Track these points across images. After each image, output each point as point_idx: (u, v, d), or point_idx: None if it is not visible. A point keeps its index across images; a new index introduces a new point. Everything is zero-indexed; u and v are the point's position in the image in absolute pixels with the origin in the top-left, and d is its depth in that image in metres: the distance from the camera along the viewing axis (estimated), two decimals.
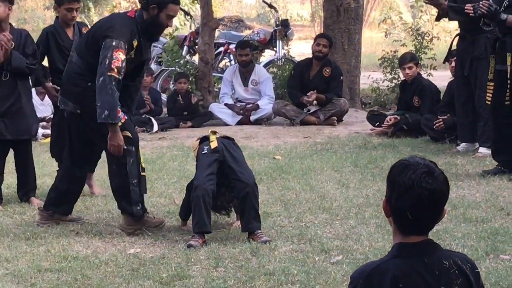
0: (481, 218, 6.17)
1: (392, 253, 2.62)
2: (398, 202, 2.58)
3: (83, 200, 7.09)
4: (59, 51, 7.26)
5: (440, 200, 2.58)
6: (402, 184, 2.56)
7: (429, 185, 2.54)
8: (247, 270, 5.10)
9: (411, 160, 2.62)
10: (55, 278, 5.06)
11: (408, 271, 2.55)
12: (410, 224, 2.59)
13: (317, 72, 11.43)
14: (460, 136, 9.08)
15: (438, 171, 2.60)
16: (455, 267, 2.59)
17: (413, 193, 2.54)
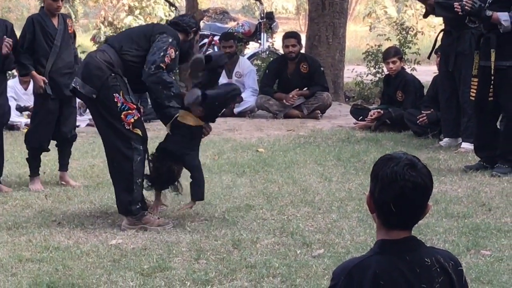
0: (462, 213, 6.20)
1: (374, 250, 2.61)
2: (381, 195, 2.57)
3: (65, 191, 7.08)
4: (45, 39, 7.25)
5: (423, 194, 2.57)
6: (385, 177, 2.55)
7: (412, 177, 2.53)
8: (228, 263, 5.10)
9: (394, 154, 2.62)
10: (36, 268, 5.05)
11: (389, 268, 2.54)
12: (394, 217, 2.57)
13: (294, 70, 11.42)
14: (444, 131, 9.12)
15: (421, 164, 2.59)
16: (437, 265, 2.58)
17: (396, 186, 2.53)
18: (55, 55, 7.25)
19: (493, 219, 6.09)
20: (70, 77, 6.89)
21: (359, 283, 2.53)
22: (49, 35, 7.25)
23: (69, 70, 7.26)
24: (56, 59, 7.25)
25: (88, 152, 8.53)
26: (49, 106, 7.27)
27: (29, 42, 7.22)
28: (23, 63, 7.26)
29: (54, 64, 7.24)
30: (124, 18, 23.70)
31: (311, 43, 13.13)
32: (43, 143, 7.34)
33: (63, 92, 7.15)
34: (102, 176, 7.64)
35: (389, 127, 10.17)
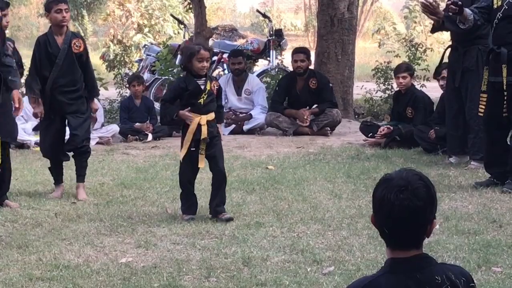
0: (473, 230, 6.17)
1: (385, 269, 2.60)
2: (375, 217, 2.59)
3: (75, 209, 7.08)
4: (47, 58, 7.43)
5: (414, 216, 2.53)
6: (376, 200, 2.57)
7: (398, 200, 2.50)
8: (238, 281, 5.08)
9: (392, 175, 2.60)
10: (46, 286, 5.04)
11: (400, 287, 2.53)
12: (391, 239, 2.58)
13: (303, 86, 11.44)
14: (450, 148, 9.07)
15: (417, 185, 2.54)
16: (448, 283, 2.56)
17: (384, 209, 2.53)
18: (56, 74, 7.42)
19: (504, 235, 6.05)
20: (72, 95, 7.43)
21: None
22: (51, 55, 7.43)
23: (71, 88, 7.48)
24: (58, 78, 7.43)
25: (98, 170, 8.54)
26: (50, 122, 7.56)
27: (38, 61, 7.43)
28: (32, 87, 7.48)
29: (55, 82, 7.43)
30: (133, 36, 23.77)
31: (320, 60, 13.14)
32: (55, 155, 7.59)
33: (62, 109, 7.47)
34: (112, 194, 7.66)
35: (399, 143, 10.15)
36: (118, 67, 14.95)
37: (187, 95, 6.55)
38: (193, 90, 6.54)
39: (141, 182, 8.19)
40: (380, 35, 28.90)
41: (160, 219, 6.68)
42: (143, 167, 9.14)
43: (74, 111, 7.48)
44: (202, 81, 6.56)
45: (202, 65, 6.47)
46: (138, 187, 7.98)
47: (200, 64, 6.46)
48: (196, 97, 6.55)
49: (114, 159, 9.75)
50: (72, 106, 7.49)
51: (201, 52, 6.44)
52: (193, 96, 6.55)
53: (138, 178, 8.44)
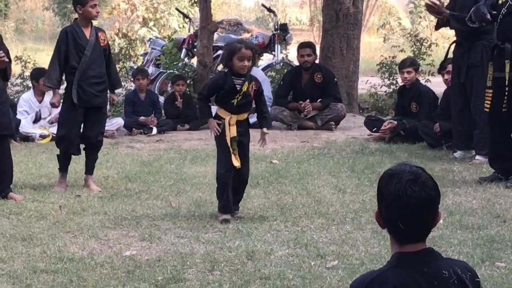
0: (477, 225, 6.17)
1: (392, 263, 2.60)
2: (387, 213, 2.57)
3: (80, 202, 7.10)
4: (76, 49, 7.54)
5: (429, 206, 2.56)
6: (388, 195, 2.55)
7: (415, 193, 2.51)
8: (242, 274, 5.09)
9: (397, 169, 2.60)
10: (50, 279, 5.05)
11: (407, 281, 2.53)
12: (404, 233, 2.57)
13: (308, 80, 11.43)
14: (456, 143, 9.08)
15: (425, 176, 2.57)
16: (455, 277, 2.57)
17: (400, 203, 2.52)
18: (85, 65, 7.53)
19: (508, 230, 6.05)
20: (99, 87, 7.55)
21: None
22: (80, 46, 7.54)
23: (98, 80, 7.60)
24: (86, 69, 7.54)
25: (103, 163, 8.55)
26: (74, 113, 7.56)
27: (64, 52, 7.52)
28: (51, 77, 7.58)
29: (84, 74, 7.53)
30: (138, 30, 23.77)
31: (325, 54, 13.13)
32: (69, 148, 7.62)
33: (90, 101, 7.56)
34: (116, 188, 7.68)
35: (403, 138, 10.14)
36: (123, 61, 14.93)
37: (222, 93, 6.35)
38: (229, 89, 6.32)
39: (145, 176, 8.21)
40: (385, 30, 28.89)
41: (164, 212, 6.69)
42: (147, 160, 9.15)
43: (100, 103, 7.65)
44: (240, 81, 6.31)
45: (243, 64, 6.21)
46: (143, 180, 7.99)
47: (240, 63, 6.20)
48: (230, 97, 6.35)
49: (118, 153, 9.77)
50: (99, 98, 7.62)
51: (243, 50, 6.18)
52: (227, 96, 6.35)
53: (143, 171, 8.45)
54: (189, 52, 14.47)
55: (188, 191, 7.47)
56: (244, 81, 6.37)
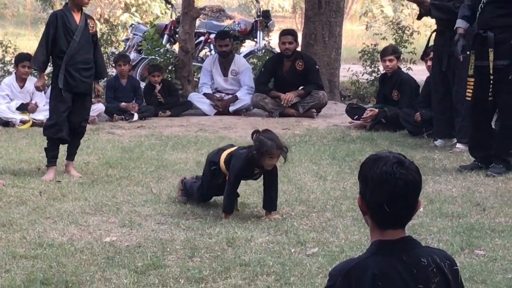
0: (457, 213, 6.19)
1: (371, 251, 2.60)
2: (373, 196, 2.55)
3: (60, 188, 7.06)
4: (65, 34, 7.50)
5: (414, 190, 2.56)
6: (375, 178, 2.54)
7: (402, 175, 2.52)
8: (222, 261, 5.09)
9: (380, 154, 2.61)
10: (30, 265, 5.03)
11: (387, 270, 2.53)
12: (388, 217, 2.56)
13: (289, 67, 11.42)
14: (436, 132, 9.11)
15: (408, 161, 2.58)
16: (433, 265, 2.57)
17: (388, 185, 2.52)
18: (73, 50, 7.49)
19: (487, 219, 6.09)
20: (87, 73, 7.51)
21: (357, 285, 2.52)
22: (70, 30, 7.50)
23: (85, 66, 7.56)
24: (74, 54, 7.50)
25: (83, 149, 8.50)
26: (62, 98, 7.50)
27: (52, 36, 7.48)
28: (38, 58, 7.57)
29: (72, 59, 7.49)
30: (120, 15, 23.66)
31: (307, 41, 13.12)
32: (60, 133, 7.54)
33: (77, 85, 7.51)
34: (97, 174, 7.65)
35: (385, 126, 10.16)
36: (104, 46, 14.85)
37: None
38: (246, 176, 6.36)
39: (126, 162, 8.18)
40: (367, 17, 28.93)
41: (145, 199, 6.67)
42: (128, 146, 9.12)
43: (87, 90, 7.62)
44: (258, 169, 6.28)
45: (272, 162, 6.15)
46: (123, 166, 7.96)
47: (270, 161, 6.13)
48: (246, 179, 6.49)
49: (99, 138, 9.72)
50: (86, 84, 7.59)
51: (274, 152, 6.10)
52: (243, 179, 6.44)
53: (124, 157, 8.42)
54: (171, 38, 14.41)
55: (169, 178, 7.45)
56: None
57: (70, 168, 7.63)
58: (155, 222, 6.02)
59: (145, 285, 4.68)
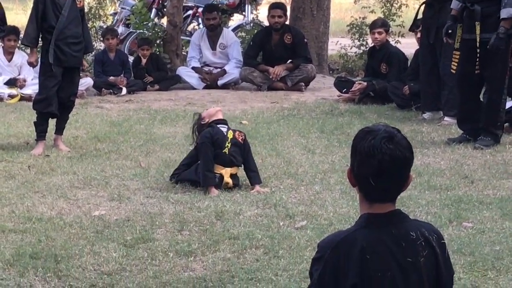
0: (445, 185, 6.22)
1: (360, 223, 2.58)
2: (360, 169, 2.54)
3: (48, 162, 7.05)
4: (53, 9, 7.48)
5: (401, 166, 2.54)
6: (362, 151, 2.52)
7: (389, 150, 2.49)
8: (211, 234, 5.10)
9: (373, 127, 2.58)
10: (19, 239, 5.03)
11: (375, 243, 2.52)
12: (374, 191, 2.55)
13: (278, 41, 11.37)
14: (424, 104, 9.10)
15: (400, 136, 2.55)
16: (422, 239, 2.57)
17: (373, 159, 2.50)
18: (62, 25, 7.47)
19: (475, 191, 6.12)
20: (76, 47, 7.50)
21: (345, 258, 2.51)
22: (58, 5, 7.48)
23: (75, 40, 7.56)
24: (63, 29, 7.49)
25: (72, 123, 8.46)
26: (52, 72, 7.48)
27: (41, 11, 7.47)
28: (29, 34, 7.56)
29: (61, 33, 7.48)
30: None
31: (295, 15, 13.05)
32: (50, 107, 7.53)
33: (67, 60, 7.50)
34: (86, 148, 7.63)
35: (373, 99, 10.16)
36: (92, 20, 14.75)
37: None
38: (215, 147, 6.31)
39: (115, 136, 8.16)
40: None
41: (133, 172, 6.67)
42: (117, 120, 9.09)
43: (76, 64, 7.62)
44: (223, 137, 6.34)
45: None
46: (112, 140, 7.94)
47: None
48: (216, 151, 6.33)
49: (88, 113, 9.68)
50: (76, 59, 7.58)
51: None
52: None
53: (112, 131, 8.40)
54: (159, 12, 14.30)
55: (157, 152, 7.45)
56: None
57: (59, 142, 7.61)
58: (144, 196, 6.03)
59: (134, 259, 4.70)
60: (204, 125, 6.37)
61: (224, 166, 6.25)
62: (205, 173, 6.15)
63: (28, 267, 4.55)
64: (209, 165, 6.18)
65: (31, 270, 4.52)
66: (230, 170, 6.27)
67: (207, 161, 6.18)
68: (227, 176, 6.24)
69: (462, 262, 4.58)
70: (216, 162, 6.22)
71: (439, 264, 2.59)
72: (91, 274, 4.50)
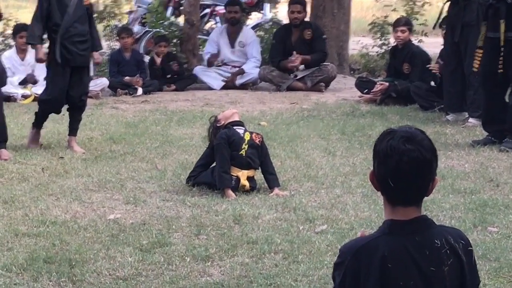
0: (469, 189, 6.09)
1: (383, 230, 2.52)
2: (379, 170, 2.50)
3: (63, 164, 6.96)
4: (59, 6, 7.43)
5: (422, 167, 2.47)
6: (381, 151, 2.48)
7: (407, 151, 2.44)
8: (229, 238, 5.00)
9: (395, 128, 2.54)
10: (32, 243, 4.95)
11: (398, 251, 2.46)
12: (395, 193, 2.49)
13: (298, 37, 11.29)
14: (448, 105, 8.97)
15: (422, 137, 2.49)
16: (447, 246, 2.50)
17: (391, 160, 2.45)
18: (68, 23, 7.42)
19: (501, 195, 5.99)
20: (83, 46, 7.45)
21: (366, 265, 2.46)
22: (63, 3, 7.44)
23: (81, 39, 7.51)
24: (69, 27, 7.43)
25: (86, 124, 8.39)
26: (60, 72, 7.45)
27: (46, 10, 7.42)
28: (34, 33, 7.50)
29: (67, 32, 7.43)
30: None
31: (316, 13, 12.93)
32: (55, 107, 7.56)
33: (74, 59, 7.44)
34: (101, 149, 7.55)
35: (395, 100, 10.02)
36: (107, 19, 14.69)
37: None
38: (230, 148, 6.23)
39: (130, 137, 8.06)
40: None
41: (149, 175, 6.57)
42: (132, 121, 9.00)
43: (84, 63, 7.57)
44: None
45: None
46: (128, 142, 7.84)
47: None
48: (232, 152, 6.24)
49: (103, 113, 9.60)
50: (82, 57, 7.53)
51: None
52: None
53: (128, 133, 8.31)
54: (176, 11, 14.20)
55: (174, 154, 7.34)
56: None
57: (73, 144, 7.53)
58: (160, 199, 5.94)
59: (150, 263, 4.61)
60: (220, 127, 6.27)
61: (241, 168, 6.13)
62: (221, 174, 6.03)
63: (42, 271, 4.47)
64: (226, 166, 6.06)
65: (45, 275, 4.43)
66: (247, 173, 6.15)
67: (223, 162, 6.07)
68: (244, 179, 6.11)
69: (487, 268, 4.46)
70: (233, 164, 6.11)
71: (464, 273, 2.54)
72: (106, 279, 4.41)
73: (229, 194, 5.96)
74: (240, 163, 6.14)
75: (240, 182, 6.09)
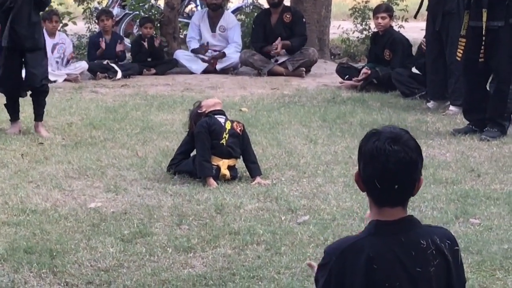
0: (451, 179, 6.06)
1: (369, 230, 2.52)
2: (365, 171, 2.50)
3: (42, 150, 6.88)
4: None
5: (408, 168, 2.47)
6: (367, 153, 2.49)
7: (394, 152, 2.44)
8: (211, 229, 4.97)
9: (380, 129, 2.54)
10: (12, 232, 4.89)
11: (383, 251, 2.46)
12: (381, 194, 2.49)
13: (277, 20, 11.23)
14: (430, 93, 8.96)
15: (407, 137, 2.49)
16: (433, 247, 2.50)
17: (377, 161, 2.45)
18: (17, 8, 7.27)
19: (482, 185, 5.97)
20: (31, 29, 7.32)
21: (352, 266, 2.46)
22: None
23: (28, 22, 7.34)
24: (18, 11, 7.28)
25: (66, 109, 8.30)
26: (10, 55, 7.37)
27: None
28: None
29: (15, 15, 7.28)
30: None
31: None
32: (14, 89, 7.46)
33: (23, 42, 7.32)
34: (80, 135, 7.46)
35: (376, 87, 9.98)
36: (87, 1, 14.54)
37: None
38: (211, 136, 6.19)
39: (110, 123, 7.97)
40: None
41: (130, 162, 6.50)
42: (112, 106, 8.90)
43: (34, 46, 7.38)
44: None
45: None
46: (108, 128, 7.76)
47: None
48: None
49: (82, 98, 9.49)
50: (32, 41, 7.37)
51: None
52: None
53: (108, 118, 8.21)
54: None
55: (155, 140, 7.28)
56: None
57: (40, 129, 7.47)
58: (141, 187, 5.88)
59: (131, 254, 4.57)
60: (201, 114, 6.21)
61: (221, 157, 6.09)
62: (202, 162, 5.99)
63: (23, 262, 4.42)
64: (206, 154, 6.02)
65: (25, 266, 4.38)
66: (227, 162, 6.11)
67: (204, 150, 6.03)
68: (224, 168, 6.07)
69: (470, 261, 4.43)
70: (213, 153, 6.07)
71: (450, 273, 2.54)
72: (87, 270, 4.36)
73: (210, 183, 5.92)
74: (221, 152, 6.09)
75: (220, 171, 6.04)
